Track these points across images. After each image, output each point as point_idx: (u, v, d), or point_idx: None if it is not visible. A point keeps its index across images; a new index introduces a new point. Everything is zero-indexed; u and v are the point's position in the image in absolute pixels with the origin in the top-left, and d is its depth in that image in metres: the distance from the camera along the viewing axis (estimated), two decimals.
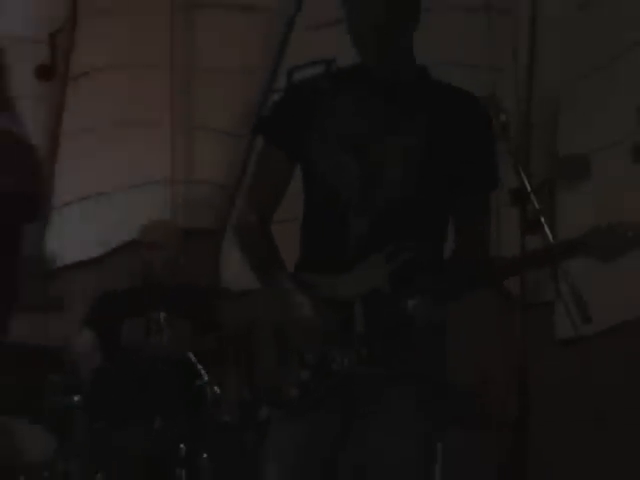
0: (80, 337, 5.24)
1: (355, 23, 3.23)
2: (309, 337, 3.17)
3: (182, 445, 4.62)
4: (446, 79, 3.44)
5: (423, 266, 3.19)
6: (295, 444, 3.23)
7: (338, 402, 3.19)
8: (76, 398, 4.66)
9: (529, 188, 3.52)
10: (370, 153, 3.23)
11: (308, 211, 3.34)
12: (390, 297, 3.17)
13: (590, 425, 5.07)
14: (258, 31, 5.96)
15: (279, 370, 3.20)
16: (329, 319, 3.17)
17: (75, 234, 6.11)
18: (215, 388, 4.74)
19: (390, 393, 3.19)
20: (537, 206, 3.51)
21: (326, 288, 3.20)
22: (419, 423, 3.20)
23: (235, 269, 5.66)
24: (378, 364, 3.16)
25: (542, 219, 3.48)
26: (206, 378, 4.75)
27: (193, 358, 4.76)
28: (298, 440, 3.23)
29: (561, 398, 5.08)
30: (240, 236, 3.40)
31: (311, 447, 3.22)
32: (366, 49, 3.26)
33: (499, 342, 5.10)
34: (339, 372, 3.16)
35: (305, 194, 3.35)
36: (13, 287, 3.31)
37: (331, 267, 3.21)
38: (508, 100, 5.16)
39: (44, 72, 6.13)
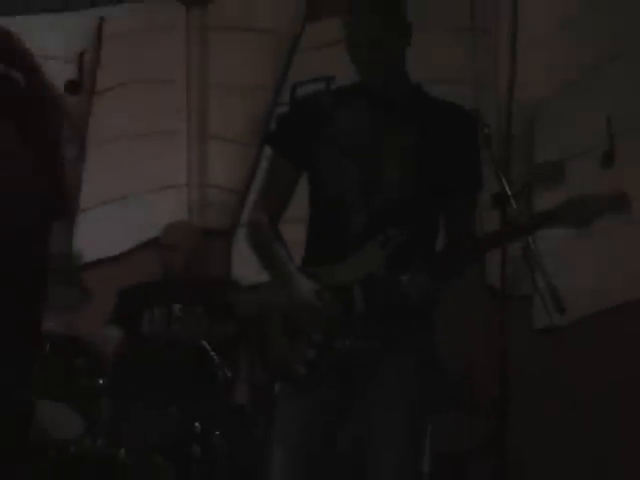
0: (106, 333, 5.26)
1: (352, 41, 3.28)
2: (314, 319, 3.20)
3: (197, 424, 4.62)
4: (434, 94, 3.46)
5: (416, 251, 3.21)
6: (299, 419, 3.26)
7: (340, 378, 3.21)
8: (101, 381, 4.66)
9: (509, 193, 3.55)
10: (369, 159, 3.27)
11: (313, 213, 3.38)
12: (386, 278, 3.19)
13: (565, 408, 5.06)
14: (265, 51, 5.96)
15: (288, 350, 3.21)
16: (331, 302, 3.19)
17: (101, 233, 6.11)
18: (227, 372, 4.75)
19: (386, 367, 3.21)
20: (516, 208, 3.53)
21: (327, 276, 3.24)
22: (412, 395, 3.22)
23: (245, 265, 5.65)
24: (376, 339, 3.18)
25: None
26: (218, 363, 4.75)
27: (207, 345, 4.75)
28: (302, 415, 3.26)
29: (538, 382, 5.07)
30: (252, 235, 3.43)
31: (313, 422, 3.25)
32: (362, 64, 3.30)
33: (483, 331, 5.12)
34: (342, 349, 3.18)
35: (310, 198, 3.40)
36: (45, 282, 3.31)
37: (332, 260, 3.25)
38: (490, 114, 5.16)
39: (72, 87, 6.13)
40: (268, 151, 3.51)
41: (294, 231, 3.45)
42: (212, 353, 4.73)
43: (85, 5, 6.17)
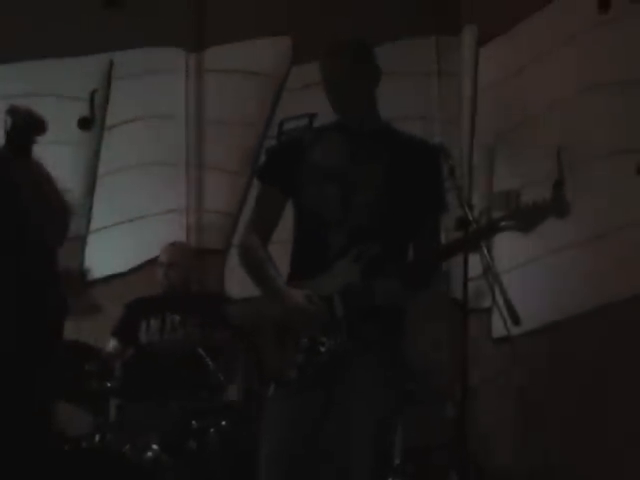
0: (108, 345, 5.25)
1: (327, 82, 3.35)
2: (307, 320, 3.21)
3: (193, 422, 4.61)
4: (406, 129, 3.50)
5: (388, 263, 3.23)
6: (288, 419, 3.25)
7: (325, 379, 3.21)
8: (109, 384, 4.65)
9: (470, 217, 3.55)
10: (345, 185, 3.30)
11: (297, 234, 3.40)
12: (360, 286, 3.21)
13: (516, 405, 5.08)
14: (256, 90, 5.97)
15: (280, 356, 3.22)
16: (317, 308, 3.20)
17: (108, 253, 6.10)
18: (220, 376, 4.74)
19: (362, 365, 3.21)
20: (477, 230, 3.54)
21: (309, 288, 3.25)
22: (383, 390, 3.23)
23: (236, 280, 5.66)
24: (355, 341, 3.20)
25: (481, 242, 3.51)
26: (213, 367, 4.74)
27: (202, 352, 4.74)
28: (291, 415, 3.25)
29: (495, 384, 5.08)
30: (244, 256, 3.46)
31: (301, 421, 3.24)
32: (336, 103, 3.34)
33: (448, 338, 5.13)
34: (327, 352, 3.18)
35: (295, 221, 3.41)
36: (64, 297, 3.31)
37: (311, 273, 3.28)
38: (454, 147, 5.19)
39: (84, 123, 6.15)
40: (258, 182, 3.53)
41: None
42: (207, 359, 4.72)
43: (96, 50, 6.16)
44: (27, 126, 2.89)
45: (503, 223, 3.28)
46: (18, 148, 2.90)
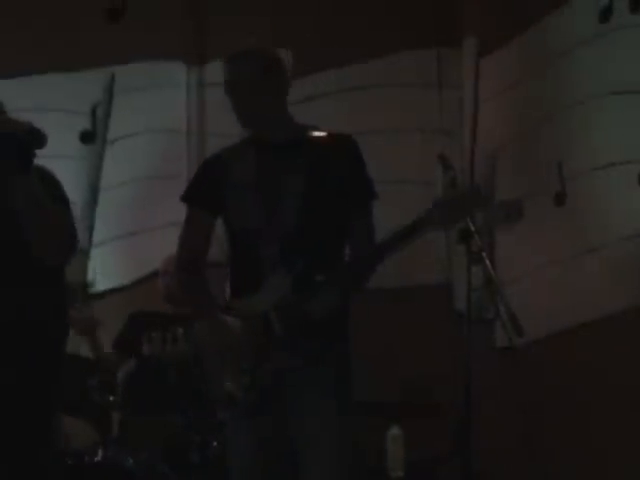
0: (110, 356, 5.25)
1: (228, 97, 3.39)
2: (242, 351, 3.22)
3: (196, 436, 4.61)
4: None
5: (323, 268, 3.21)
6: (243, 440, 3.30)
7: (273, 398, 3.21)
8: (111, 398, 4.65)
9: (472, 228, 3.55)
10: (268, 197, 3.32)
11: (231, 251, 3.44)
12: (293, 300, 3.20)
13: (520, 416, 5.08)
14: None
15: (225, 379, 3.24)
16: (252, 333, 3.21)
17: (111, 265, 6.10)
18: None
19: (308, 380, 3.22)
20: (479, 242, 3.54)
21: (245, 307, 3.27)
22: (332, 403, 3.24)
23: None
24: (298, 357, 3.19)
25: (483, 253, 3.51)
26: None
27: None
28: (244, 437, 3.29)
29: (498, 395, 5.08)
30: (180, 279, 3.51)
31: (254, 443, 3.27)
32: (238, 118, 3.38)
33: (449, 349, 5.12)
34: (271, 371, 3.20)
35: (227, 239, 3.45)
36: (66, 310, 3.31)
37: (249, 291, 3.29)
38: (456, 158, 5.19)
39: (86, 137, 6.16)
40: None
41: None
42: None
43: (98, 63, 6.18)
44: (27, 139, 2.88)
45: (426, 220, 3.26)
46: (18, 163, 2.89)
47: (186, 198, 3.50)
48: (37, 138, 2.86)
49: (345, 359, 3.34)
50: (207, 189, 3.42)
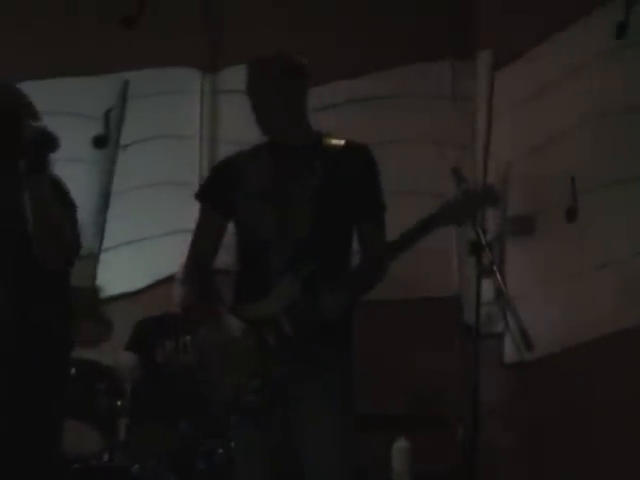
0: (121, 358, 5.24)
1: (249, 101, 3.38)
2: (251, 352, 3.20)
3: (203, 442, 4.61)
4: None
5: (330, 275, 3.21)
6: (251, 444, 3.28)
7: (282, 401, 3.21)
8: (119, 402, 4.65)
9: (484, 241, 3.55)
10: (280, 203, 3.30)
11: (239, 256, 3.42)
12: (303, 302, 3.19)
13: (528, 432, 5.07)
14: None
15: (235, 383, 3.22)
16: (262, 334, 3.21)
17: (121, 271, 6.11)
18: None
19: (317, 383, 3.22)
20: (490, 256, 3.54)
21: (254, 311, 3.25)
22: (338, 408, 3.24)
23: None
24: (307, 359, 3.17)
25: (494, 266, 3.51)
26: None
27: None
28: (252, 440, 3.27)
29: (506, 410, 5.07)
30: (185, 278, 3.48)
31: (263, 446, 3.26)
32: (257, 121, 3.38)
33: (457, 363, 5.12)
34: (281, 374, 3.18)
35: (236, 243, 3.44)
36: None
37: (257, 296, 3.27)
38: (469, 171, 5.20)
39: (99, 142, 6.18)
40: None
41: None
42: None
43: (112, 69, 6.20)
44: (40, 143, 2.90)
45: (439, 217, 3.26)
46: (31, 165, 2.91)
47: (199, 197, 3.50)
48: (49, 140, 2.88)
49: (349, 367, 3.34)
50: (220, 191, 3.42)
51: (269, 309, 3.23)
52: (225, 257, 5.99)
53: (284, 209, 3.30)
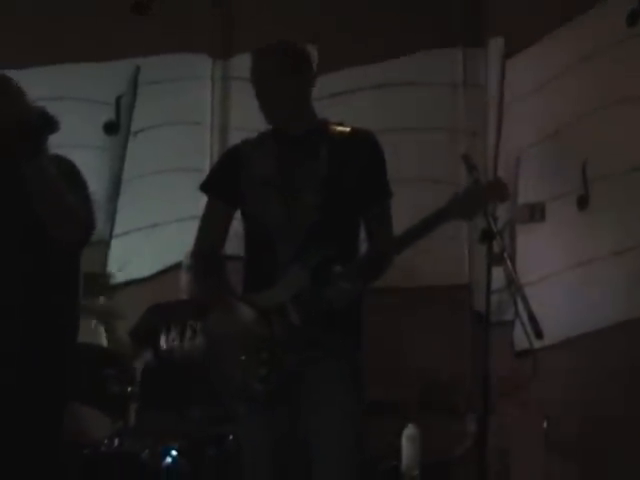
0: (126, 347, 5.26)
1: (254, 89, 3.37)
2: (259, 341, 3.19)
3: (212, 428, 4.62)
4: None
5: (338, 263, 3.21)
6: (259, 433, 3.28)
7: (290, 390, 3.19)
8: (129, 389, 4.66)
9: (495, 229, 3.54)
10: (287, 191, 3.30)
11: (247, 245, 3.42)
12: (311, 291, 3.19)
13: (539, 419, 5.07)
14: None
15: (242, 371, 3.21)
16: (270, 323, 3.20)
17: (132, 257, 6.12)
18: None
19: (325, 371, 3.21)
20: (501, 243, 3.53)
21: (262, 300, 3.25)
22: (346, 396, 3.22)
23: None
24: (315, 348, 3.17)
25: (505, 254, 3.50)
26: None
27: None
28: (260, 430, 3.27)
29: (517, 397, 5.08)
30: (194, 267, 3.49)
31: (270, 435, 3.25)
32: (261, 108, 3.38)
33: (467, 350, 5.13)
34: (289, 363, 3.18)
35: (245, 232, 3.44)
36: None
37: (265, 285, 3.27)
38: (480, 158, 5.19)
39: (110, 128, 6.18)
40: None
41: None
42: None
43: (123, 55, 6.20)
44: (37, 124, 2.90)
45: (446, 212, 3.25)
46: (30, 148, 2.91)
47: (204, 187, 3.50)
48: (48, 123, 2.88)
49: (359, 355, 3.34)
50: (225, 180, 3.43)
51: (277, 298, 3.23)
52: (237, 243, 6.04)
53: (291, 197, 3.30)
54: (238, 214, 3.48)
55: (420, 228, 3.25)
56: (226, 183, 3.42)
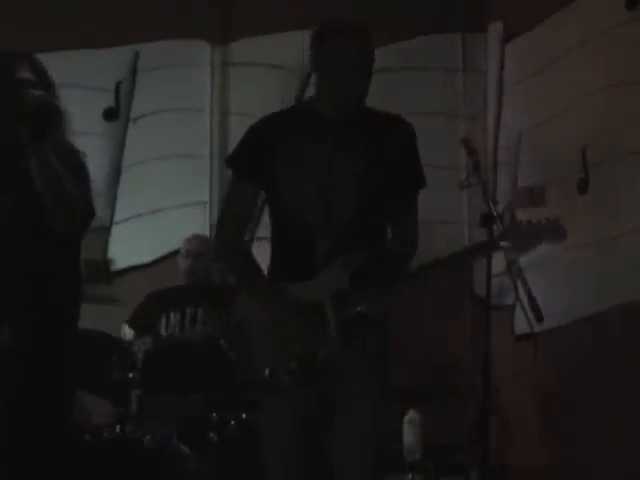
0: (122, 332, 5.26)
1: (338, 89, 3.18)
2: (293, 334, 3.15)
3: (214, 414, 4.62)
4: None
5: (372, 264, 3.15)
6: (284, 428, 3.22)
7: (317, 387, 3.16)
8: (130, 375, 4.66)
9: (495, 213, 3.55)
10: (326, 181, 3.19)
11: (276, 230, 3.30)
12: (351, 295, 3.16)
13: (539, 403, 5.09)
14: (282, 83, 5.97)
15: (272, 362, 3.16)
16: (306, 317, 3.15)
17: (131, 244, 6.12)
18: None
19: (355, 371, 3.18)
20: (501, 227, 3.53)
21: (298, 292, 3.17)
22: (378, 397, 3.22)
23: None
24: (347, 348, 3.15)
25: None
26: (234, 361, 4.73)
27: (223, 344, 4.74)
28: (287, 424, 3.21)
29: (518, 381, 5.08)
30: (224, 254, 3.38)
31: (297, 430, 3.21)
32: (343, 108, 3.20)
33: (468, 334, 5.13)
34: (320, 360, 3.14)
35: (271, 216, 3.31)
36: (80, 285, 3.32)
37: (299, 278, 3.19)
38: (480, 143, 5.18)
39: (110, 114, 6.18)
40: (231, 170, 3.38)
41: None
42: (229, 352, 4.72)
43: (122, 41, 6.19)
44: (41, 111, 2.90)
45: (502, 243, 3.20)
46: (33, 133, 2.91)
47: (232, 163, 3.34)
48: (49, 109, 2.88)
49: (386, 340, 3.31)
50: (256, 160, 3.24)
51: (315, 293, 3.15)
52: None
53: (330, 192, 3.18)
54: None
55: (466, 254, 3.28)
56: (257, 163, 3.23)
